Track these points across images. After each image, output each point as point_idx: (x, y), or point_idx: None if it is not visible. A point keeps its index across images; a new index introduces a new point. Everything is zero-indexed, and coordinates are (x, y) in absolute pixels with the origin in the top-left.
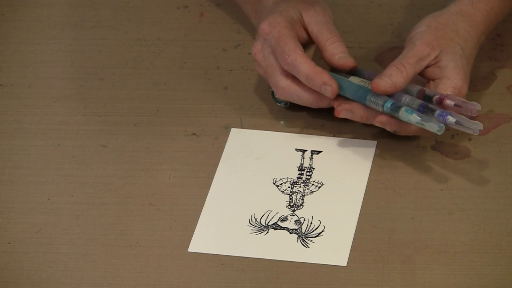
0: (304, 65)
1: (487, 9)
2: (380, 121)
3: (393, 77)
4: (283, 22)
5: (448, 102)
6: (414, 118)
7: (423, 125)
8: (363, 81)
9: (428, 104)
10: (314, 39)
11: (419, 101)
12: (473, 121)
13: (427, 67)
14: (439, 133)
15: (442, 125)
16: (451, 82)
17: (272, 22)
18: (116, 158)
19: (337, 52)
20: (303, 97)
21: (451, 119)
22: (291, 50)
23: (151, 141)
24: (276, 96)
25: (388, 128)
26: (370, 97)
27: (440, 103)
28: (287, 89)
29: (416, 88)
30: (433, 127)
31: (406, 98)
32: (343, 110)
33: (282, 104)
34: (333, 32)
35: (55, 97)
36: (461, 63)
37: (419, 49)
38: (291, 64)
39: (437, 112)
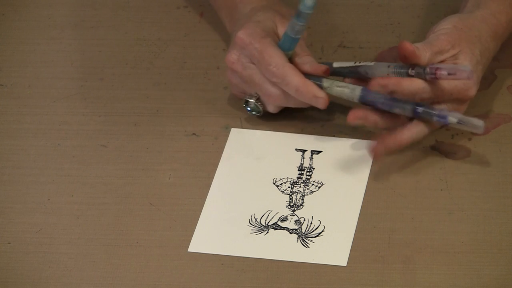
0: (293, 77)
1: (507, 21)
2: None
3: (420, 50)
4: (261, 32)
5: (441, 72)
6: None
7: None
8: (346, 86)
9: (425, 105)
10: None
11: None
12: (475, 118)
13: (442, 61)
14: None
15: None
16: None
17: (251, 33)
18: (116, 158)
19: (305, 62)
20: (297, 102)
21: (452, 119)
22: (278, 63)
23: (151, 141)
24: (250, 105)
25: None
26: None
27: (434, 74)
28: (279, 97)
29: None
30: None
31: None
32: (356, 119)
33: (255, 114)
34: (302, 48)
35: (55, 97)
36: (476, 68)
37: (442, 43)
38: (280, 76)
39: (436, 112)
